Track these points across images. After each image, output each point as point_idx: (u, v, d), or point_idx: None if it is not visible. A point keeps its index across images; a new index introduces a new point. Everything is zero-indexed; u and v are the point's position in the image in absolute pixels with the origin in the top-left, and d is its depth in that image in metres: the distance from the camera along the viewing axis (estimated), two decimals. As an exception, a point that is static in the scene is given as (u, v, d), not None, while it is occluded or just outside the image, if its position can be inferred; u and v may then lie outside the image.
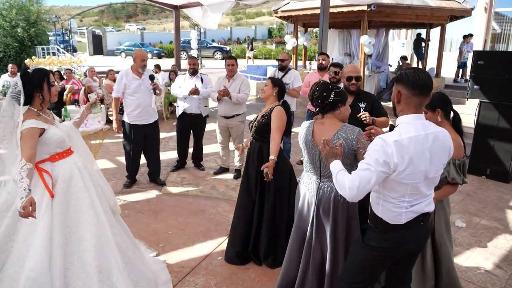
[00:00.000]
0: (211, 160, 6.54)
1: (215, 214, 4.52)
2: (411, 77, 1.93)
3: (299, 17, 11.50)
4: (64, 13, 59.53)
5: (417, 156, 1.90)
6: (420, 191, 2.00)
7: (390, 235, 2.07)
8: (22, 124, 2.45)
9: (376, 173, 1.90)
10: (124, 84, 4.87)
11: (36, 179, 2.50)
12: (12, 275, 2.35)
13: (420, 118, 1.97)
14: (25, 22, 17.70)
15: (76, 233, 2.53)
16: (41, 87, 2.57)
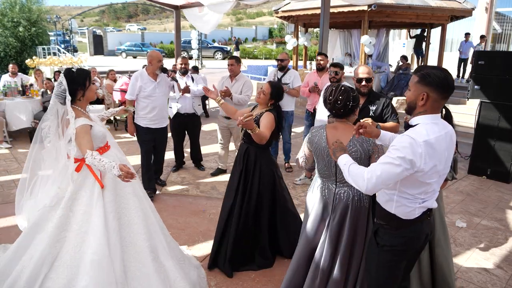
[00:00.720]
0: (212, 160, 6.55)
1: (215, 214, 4.51)
2: (443, 80, 1.84)
3: (299, 17, 11.51)
4: (65, 13, 59.58)
5: (440, 156, 1.90)
6: (433, 189, 2.01)
7: (403, 231, 2.05)
8: (75, 122, 2.58)
9: (401, 169, 1.83)
10: (140, 86, 4.68)
11: (85, 173, 2.66)
12: (70, 261, 2.49)
13: (439, 118, 1.96)
14: (26, 22, 17.69)
15: (126, 218, 2.73)
16: (85, 86, 2.69)
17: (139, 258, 2.69)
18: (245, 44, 42.05)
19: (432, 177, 1.92)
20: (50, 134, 2.68)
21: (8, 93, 7.83)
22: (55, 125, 2.67)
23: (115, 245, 2.56)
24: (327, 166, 2.59)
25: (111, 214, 2.63)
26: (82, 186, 2.64)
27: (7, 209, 4.51)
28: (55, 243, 2.53)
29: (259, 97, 3.31)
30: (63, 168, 2.71)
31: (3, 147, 7.06)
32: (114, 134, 8.26)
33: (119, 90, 8.60)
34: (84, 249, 2.49)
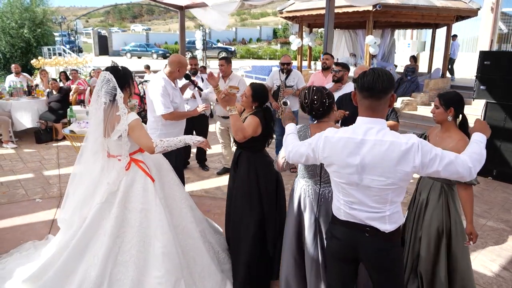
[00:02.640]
0: (216, 160, 6.55)
1: (220, 214, 4.51)
2: (360, 79, 1.88)
3: (304, 18, 11.48)
4: (70, 14, 59.87)
5: (342, 158, 1.89)
6: (355, 197, 1.92)
7: (332, 226, 2.11)
8: (127, 117, 2.63)
9: (306, 152, 2.05)
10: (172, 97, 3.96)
11: (135, 169, 2.75)
12: (137, 255, 2.65)
13: (372, 123, 1.86)
14: (31, 23, 17.83)
15: (177, 209, 2.93)
16: (130, 83, 2.79)
17: (193, 243, 2.94)
18: (249, 44, 42.09)
19: (338, 175, 1.95)
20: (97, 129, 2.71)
21: (14, 93, 7.88)
22: (99, 119, 2.68)
23: (174, 237, 2.74)
24: (312, 166, 2.59)
25: (166, 208, 2.79)
26: (133, 183, 2.73)
27: (12, 208, 4.55)
28: (115, 239, 2.65)
29: (242, 100, 3.14)
30: (108, 164, 2.80)
31: (9, 147, 7.10)
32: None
33: (124, 90, 8.64)
34: (150, 243, 2.65)
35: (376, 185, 1.85)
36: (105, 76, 2.67)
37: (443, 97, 2.63)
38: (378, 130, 1.85)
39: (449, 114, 2.58)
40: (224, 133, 5.71)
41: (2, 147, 7.11)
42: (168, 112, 3.89)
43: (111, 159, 2.80)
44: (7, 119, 7.22)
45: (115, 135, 2.66)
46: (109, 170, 2.78)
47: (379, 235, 1.92)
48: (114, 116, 2.66)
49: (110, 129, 2.68)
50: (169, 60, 4.03)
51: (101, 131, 2.70)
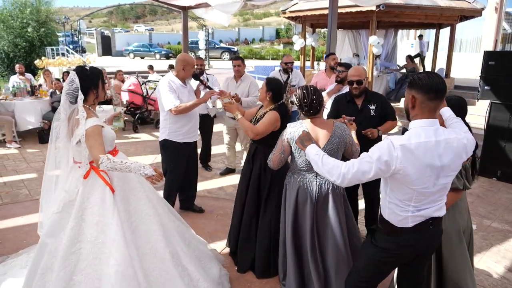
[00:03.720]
0: (219, 160, 6.54)
1: (223, 215, 4.51)
2: (425, 82, 1.90)
3: (307, 18, 11.45)
4: (74, 14, 60.05)
5: (425, 163, 1.89)
6: (428, 197, 1.99)
7: (396, 238, 2.07)
8: (86, 122, 2.46)
9: (374, 168, 1.92)
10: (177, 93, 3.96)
11: (94, 179, 2.53)
12: (92, 274, 2.39)
13: (433, 124, 1.95)
14: (35, 23, 17.86)
15: (143, 226, 2.64)
16: (97, 85, 2.61)
17: (162, 266, 2.64)
18: (252, 44, 42.08)
19: (416, 183, 1.92)
20: (60, 135, 2.59)
21: (17, 93, 7.91)
22: (65, 125, 2.57)
23: (133, 254, 2.48)
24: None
25: (125, 223, 2.53)
26: (91, 193, 2.51)
27: (15, 208, 4.55)
28: (70, 256, 2.41)
29: (259, 93, 3.41)
30: (69, 171, 2.61)
31: (12, 147, 7.12)
32: (122, 134, 8.29)
33: (127, 90, 8.64)
34: (104, 261, 2.39)
35: (449, 180, 2.00)
36: (70, 77, 2.56)
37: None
38: (443, 129, 1.97)
39: None
40: (231, 133, 5.70)
41: (6, 147, 7.12)
42: (175, 105, 3.86)
43: (75, 165, 2.60)
44: (11, 119, 7.24)
45: (74, 140, 2.51)
46: (70, 177, 2.58)
47: (438, 221, 2.11)
48: (74, 119, 2.51)
49: (71, 134, 2.53)
50: (175, 60, 4.07)
51: (65, 134, 2.56)
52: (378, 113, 3.60)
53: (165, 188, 4.25)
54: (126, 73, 10.31)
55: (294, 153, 2.76)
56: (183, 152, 4.13)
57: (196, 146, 4.35)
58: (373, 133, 3.47)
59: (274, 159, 2.82)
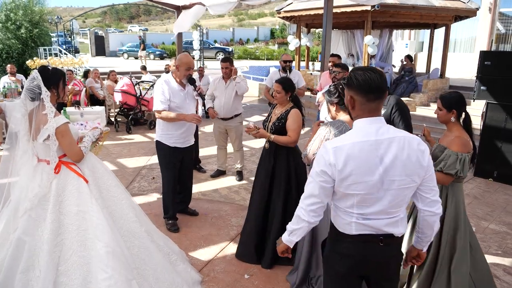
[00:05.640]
0: (213, 162, 6.45)
1: (217, 218, 4.43)
2: (363, 81, 1.70)
3: (301, 18, 11.41)
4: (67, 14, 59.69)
5: (361, 164, 1.69)
6: (374, 205, 1.74)
7: (339, 246, 1.85)
8: (55, 120, 2.49)
9: (317, 184, 1.76)
10: (169, 95, 3.85)
11: (66, 172, 2.58)
12: (79, 261, 2.44)
13: (375, 122, 1.74)
14: (28, 23, 17.66)
15: (117, 210, 2.75)
16: (58, 85, 2.63)
17: (140, 243, 2.78)
18: (247, 44, 42.01)
19: (354, 187, 1.70)
20: (20, 132, 2.53)
21: (8, 94, 7.77)
22: (24, 122, 2.52)
23: (117, 236, 2.59)
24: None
25: (104, 209, 2.61)
26: (65, 185, 2.56)
27: (5, 212, 4.43)
28: (53, 248, 2.44)
29: (276, 98, 3.44)
30: (37, 168, 2.58)
31: (2, 148, 6.99)
32: (115, 135, 8.18)
33: (120, 91, 8.53)
34: (91, 246, 2.46)
35: (397, 186, 1.73)
36: (32, 74, 2.58)
37: (444, 99, 2.65)
38: (388, 128, 1.75)
39: (452, 115, 2.62)
40: (221, 135, 5.60)
41: (-4, 149, 6.99)
42: (158, 109, 3.82)
43: (40, 163, 2.59)
44: (1, 121, 7.11)
45: (41, 137, 2.50)
46: (39, 174, 2.56)
47: (393, 241, 1.82)
48: (40, 116, 2.51)
49: (36, 131, 2.51)
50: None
51: (26, 131, 2.52)
52: (387, 116, 3.43)
53: (162, 196, 4.21)
54: (119, 74, 10.19)
55: None
56: (174, 156, 4.00)
57: (192, 150, 4.24)
58: None
59: (309, 158, 2.72)
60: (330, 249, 1.93)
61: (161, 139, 3.97)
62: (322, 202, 1.81)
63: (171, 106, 3.84)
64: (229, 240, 3.91)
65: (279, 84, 3.39)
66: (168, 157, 4.00)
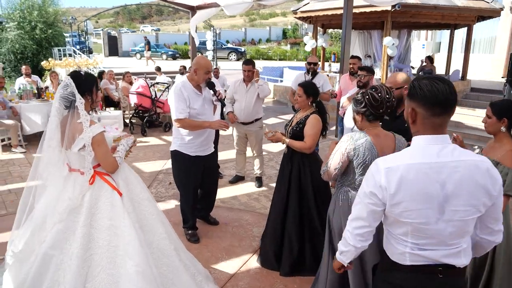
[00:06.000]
0: (230, 167, 6.28)
1: (238, 227, 4.26)
2: (428, 92, 1.48)
3: (318, 18, 11.20)
4: (80, 14, 60.22)
5: (417, 190, 1.48)
6: (432, 236, 1.53)
7: (393, 276, 1.66)
8: (91, 129, 2.40)
9: (365, 206, 1.59)
10: (188, 102, 3.61)
11: (100, 183, 2.50)
12: (107, 278, 2.35)
13: (438, 141, 1.53)
14: (43, 24, 17.77)
15: (148, 225, 2.65)
16: (91, 90, 2.56)
17: (169, 262, 2.69)
18: (259, 45, 41.85)
19: (408, 215, 1.50)
20: (53, 140, 2.46)
21: (23, 96, 7.71)
22: (57, 131, 2.46)
23: (148, 254, 2.49)
24: (350, 175, 2.48)
25: (136, 223, 2.53)
26: (99, 198, 2.47)
27: (20, 219, 4.32)
28: (82, 264, 2.35)
29: (297, 102, 3.38)
30: (69, 179, 2.51)
31: (17, 151, 6.92)
32: (130, 138, 8.07)
33: (135, 93, 8.41)
34: (120, 263, 2.37)
35: (460, 217, 1.51)
36: (64, 81, 2.48)
37: (495, 106, 2.42)
38: (453, 148, 1.54)
39: (502, 125, 2.39)
40: (240, 140, 5.44)
41: (12, 151, 6.92)
42: (180, 118, 3.56)
43: (73, 173, 2.51)
44: (16, 123, 7.04)
45: (76, 146, 2.41)
46: (71, 185, 2.49)
47: (455, 272, 1.60)
48: (74, 124, 2.41)
49: (71, 140, 2.42)
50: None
51: (58, 141, 2.45)
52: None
53: (180, 206, 4.03)
54: (133, 74, 10.11)
55: (355, 168, 2.46)
56: (195, 166, 3.77)
57: (214, 157, 4.05)
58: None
59: (329, 174, 2.53)
60: (382, 279, 1.73)
61: (180, 148, 3.73)
62: (371, 226, 1.63)
63: (191, 114, 3.62)
64: (252, 252, 3.74)
65: (300, 88, 3.33)
66: (189, 168, 3.76)
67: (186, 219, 3.96)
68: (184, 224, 3.99)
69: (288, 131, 3.42)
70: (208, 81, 3.67)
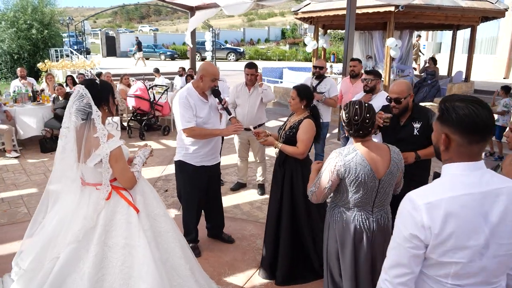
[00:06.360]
0: (231, 173, 6.10)
1: (241, 239, 4.07)
2: (465, 117, 1.31)
3: (320, 18, 11.01)
4: (78, 14, 60.02)
5: (464, 225, 1.32)
6: (475, 274, 1.36)
7: None
8: (108, 144, 2.27)
9: (406, 252, 1.38)
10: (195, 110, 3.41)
11: (116, 199, 2.37)
12: None
13: (477, 168, 1.36)
14: (39, 24, 17.58)
15: (163, 243, 2.52)
16: (108, 100, 2.42)
17: (184, 283, 2.57)
18: (257, 45, 41.67)
19: (456, 255, 1.33)
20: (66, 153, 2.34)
21: (18, 99, 7.50)
22: (71, 142, 2.31)
23: (163, 275, 2.37)
24: (368, 193, 2.27)
25: (152, 242, 2.39)
26: (114, 215, 2.35)
27: (12, 231, 4.13)
28: (93, 285, 2.24)
29: (291, 104, 3.25)
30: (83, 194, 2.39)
31: (11, 156, 6.71)
32: (128, 142, 7.88)
33: (133, 96, 8.21)
34: (134, 285, 2.26)
35: (505, 251, 1.35)
36: (78, 91, 2.30)
37: None
38: (491, 175, 1.37)
39: None
40: (243, 147, 5.25)
41: (5, 157, 6.72)
42: (188, 127, 3.36)
43: (87, 187, 2.39)
44: (11, 128, 6.84)
45: (92, 161, 2.28)
46: (85, 201, 2.36)
47: None
48: (90, 138, 2.28)
49: (86, 154, 2.29)
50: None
51: (74, 156, 2.31)
52: (423, 133, 3.09)
53: (183, 218, 3.80)
54: (131, 76, 9.91)
55: (348, 186, 2.27)
56: (200, 176, 3.58)
57: (218, 167, 3.85)
58: (407, 157, 2.92)
59: (319, 194, 2.35)
60: None
61: (185, 158, 3.54)
62: (413, 272, 1.40)
63: (197, 122, 3.42)
64: (256, 267, 3.54)
65: (294, 90, 3.21)
66: (193, 179, 3.57)
67: (189, 231, 3.76)
68: (186, 236, 3.76)
69: (281, 135, 3.30)
70: (214, 89, 3.47)
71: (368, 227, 2.32)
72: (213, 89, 3.47)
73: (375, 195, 2.29)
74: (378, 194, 2.29)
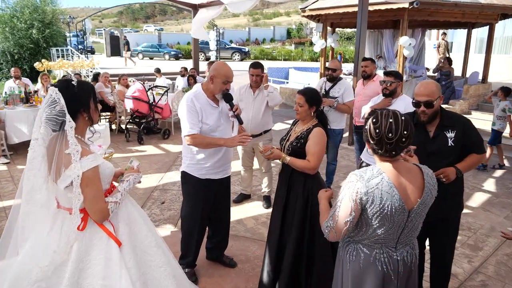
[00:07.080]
0: (234, 182, 5.57)
1: (244, 262, 3.60)
2: None
3: (328, 16, 10.53)
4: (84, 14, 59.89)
5: None
6: None
7: None
8: (81, 163, 1.84)
9: None
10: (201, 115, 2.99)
11: (93, 229, 1.95)
12: None
13: None
14: (40, 23, 17.29)
15: (154, 280, 2.12)
16: (89, 105, 2.00)
17: None
18: (263, 44, 41.24)
19: None
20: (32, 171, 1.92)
21: (9, 101, 7.06)
22: (40, 156, 1.91)
23: None
24: (393, 228, 1.79)
25: (137, 282, 2.01)
26: (90, 249, 1.93)
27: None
28: None
29: (297, 112, 2.82)
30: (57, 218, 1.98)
31: (0, 162, 6.29)
32: (125, 146, 7.44)
33: (131, 97, 7.76)
34: None
35: None
36: (51, 95, 1.88)
37: None
38: None
39: None
40: (247, 155, 4.79)
41: (-6, 162, 6.30)
42: (189, 134, 2.93)
43: (61, 212, 1.98)
44: (0, 132, 6.42)
45: (62, 183, 1.87)
46: (57, 229, 1.95)
47: None
48: (61, 154, 1.86)
49: (57, 174, 1.88)
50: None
51: (43, 175, 1.90)
52: (458, 143, 2.61)
53: (182, 235, 3.33)
54: (133, 75, 9.47)
55: (370, 220, 1.79)
56: (204, 192, 3.14)
57: (228, 182, 3.36)
58: (448, 175, 2.47)
59: (338, 230, 1.81)
60: None
61: (189, 170, 3.12)
62: None
63: (203, 129, 2.98)
64: (261, 298, 3.07)
65: (301, 96, 2.79)
66: (195, 193, 3.14)
67: (187, 254, 3.28)
68: (182, 259, 3.29)
69: (285, 147, 2.84)
70: (225, 93, 3.01)
71: (393, 267, 1.86)
72: (224, 92, 3.00)
73: (401, 231, 1.83)
74: (406, 228, 1.83)
